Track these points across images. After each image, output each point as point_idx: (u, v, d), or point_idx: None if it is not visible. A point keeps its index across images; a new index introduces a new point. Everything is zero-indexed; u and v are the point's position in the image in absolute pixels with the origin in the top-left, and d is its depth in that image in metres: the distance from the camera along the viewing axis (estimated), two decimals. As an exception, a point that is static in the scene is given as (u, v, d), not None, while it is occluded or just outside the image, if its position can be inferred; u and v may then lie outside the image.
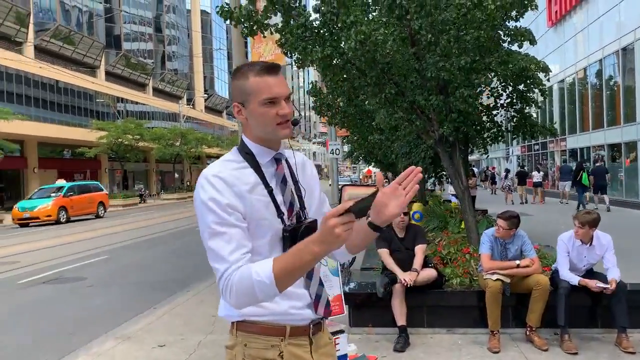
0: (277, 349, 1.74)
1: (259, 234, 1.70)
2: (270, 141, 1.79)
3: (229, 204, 1.65)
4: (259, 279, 1.55)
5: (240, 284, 1.57)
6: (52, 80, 37.84)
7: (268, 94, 1.70)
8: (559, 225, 14.28)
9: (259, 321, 1.74)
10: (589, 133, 25.47)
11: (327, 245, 1.52)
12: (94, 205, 26.35)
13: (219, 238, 1.63)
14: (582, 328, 5.22)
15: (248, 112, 1.75)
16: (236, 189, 1.68)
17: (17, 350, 5.85)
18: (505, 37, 7.89)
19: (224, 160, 1.78)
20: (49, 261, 12.05)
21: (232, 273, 1.59)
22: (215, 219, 1.64)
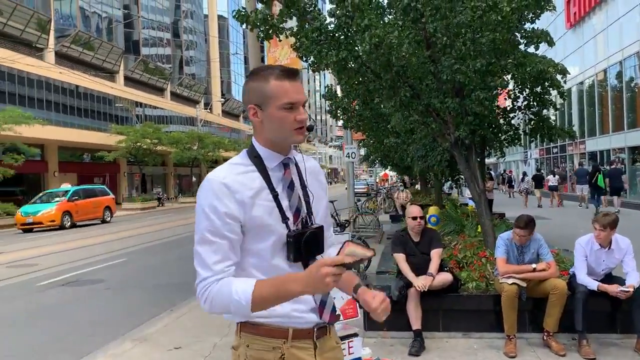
0: (278, 351, 1.74)
1: (261, 238, 1.71)
2: (280, 145, 1.79)
3: (226, 213, 1.66)
4: (237, 298, 1.60)
5: (218, 296, 1.64)
6: (72, 85, 38.41)
7: (288, 99, 1.71)
8: (577, 229, 14.09)
9: (262, 323, 1.74)
10: (609, 135, 25.12)
11: (312, 289, 1.58)
12: (99, 210, 25.64)
13: (207, 246, 1.67)
14: (601, 333, 5.14)
15: (265, 115, 1.74)
16: (238, 196, 1.67)
17: (36, 351, 5.94)
18: (521, 40, 7.83)
19: (231, 163, 1.78)
20: (67, 264, 12.22)
21: (212, 283, 1.65)
22: (209, 226, 1.67)
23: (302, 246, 1.71)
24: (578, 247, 5.05)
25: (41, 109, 34.72)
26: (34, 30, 35.97)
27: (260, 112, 1.75)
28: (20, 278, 10.63)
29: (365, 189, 40.70)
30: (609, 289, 4.78)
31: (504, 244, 5.26)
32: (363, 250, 1.57)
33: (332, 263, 1.51)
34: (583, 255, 4.99)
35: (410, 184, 30.02)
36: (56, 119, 36.18)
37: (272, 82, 1.72)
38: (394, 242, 5.54)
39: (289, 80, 1.73)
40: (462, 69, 6.46)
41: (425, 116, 7.34)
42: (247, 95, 1.78)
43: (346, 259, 1.53)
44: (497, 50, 6.76)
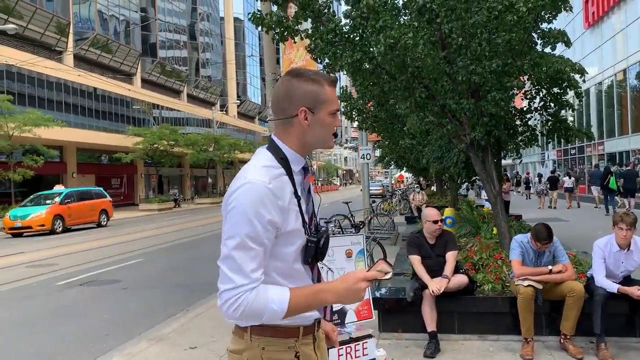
0: (293, 350, 1.76)
1: (290, 243, 1.71)
2: (310, 149, 1.84)
3: (270, 221, 1.63)
4: (274, 307, 1.62)
5: (253, 305, 1.61)
6: (91, 87, 38.91)
7: (335, 106, 1.78)
8: (595, 230, 13.91)
9: (277, 324, 1.72)
10: (628, 137, 24.76)
11: (347, 300, 1.73)
12: (95, 214, 24.28)
13: (245, 252, 1.62)
14: (619, 337, 5.08)
15: (315, 119, 1.75)
16: (280, 202, 1.66)
17: (53, 350, 6.02)
18: (538, 40, 7.75)
19: (265, 166, 1.72)
20: (85, 264, 12.38)
21: (247, 291, 1.61)
22: (251, 232, 1.62)
23: (320, 250, 1.75)
24: (596, 249, 4.98)
25: (60, 111, 35.24)
26: (53, 34, 36.53)
27: (310, 115, 1.74)
28: (39, 278, 10.79)
29: (381, 191, 40.62)
30: (630, 290, 4.71)
31: (519, 246, 5.21)
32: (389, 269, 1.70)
33: (369, 278, 1.65)
34: (601, 258, 4.93)
35: (426, 185, 29.89)
36: (75, 121, 36.70)
37: (327, 87, 1.76)
38: (409, 243, 5.52)
39: (334, 88, 1.80)
40: (478, 70, 6.42)
41: (440, 117, 7.31)
42: (296, 97, 1.75)
43: (378, 275, 1.67)
44: (513, 51, 6.72)
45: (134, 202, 43.48)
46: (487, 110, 6.80)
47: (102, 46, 41.93)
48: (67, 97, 36.77)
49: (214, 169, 54.66)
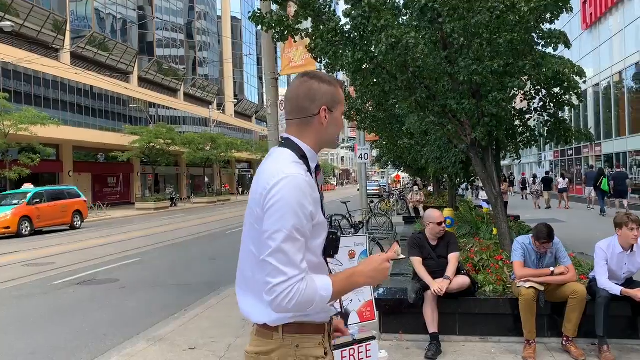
0: (322, 347, 1.82)
1: (319, 235, 1.78)
2: (323, 148, 1.93)
3: (311, 212, 1.70)
4: (324, 294, 1.68)
5: (306, 294, 1.64)
6: (87, 85, 38.79)
7: (344, 107, 2.00)
8: (593, 231, 13.93)
9: (308, 321, 1.78)
10: (625, 138, 24.81)
11: (373, 281, 1.82)
12: (68, 215, 22.51)
13: (293, 244, 1.65)
14: (621, 339, 5.06)
15: (332, 118, 1.87)
16: (315, 195, 1.74)
17: (51, 349, 5.97)
18: (539, 40, 7.73)
19: (294, 162, 1.77)
20: (82, 263, 12.31)
21: (299, 281, 1.63)
22: (298, 224, 1.65)
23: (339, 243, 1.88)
24: (599, 251, 4.96)
25: (56, 109, 35.11)
26: (50, 32, 36.37)
27: (329, 114, 1.85)
28: (36, 277, 10.72)
29: (378, 191, 40.62)
30: (633, 293, 4.69)
31: (521, 248, 5.18)
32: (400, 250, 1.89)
33: (390, 258, 1.80)
34: (604, 259, 4.91)
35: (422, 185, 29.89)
36: (71, 119, 36.56)
37: (339, 89, 1.90)
38: (410, 244, 5.49)
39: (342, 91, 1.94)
40: (479, 70, 6.40)
41: (441, 117, 7.28)
42: (317, 97, 1.84)
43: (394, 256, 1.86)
44: (514, 51, 6.69)
45: (130, 201, 43.36)
46: (488, 111, 6.77)
47: (99, 44, 41.77)
48: (64, 96, 36.62)
49: (211, 168, 54.54)
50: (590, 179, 21.73)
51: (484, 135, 6.92)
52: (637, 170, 23.99)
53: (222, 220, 24.48)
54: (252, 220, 1.76)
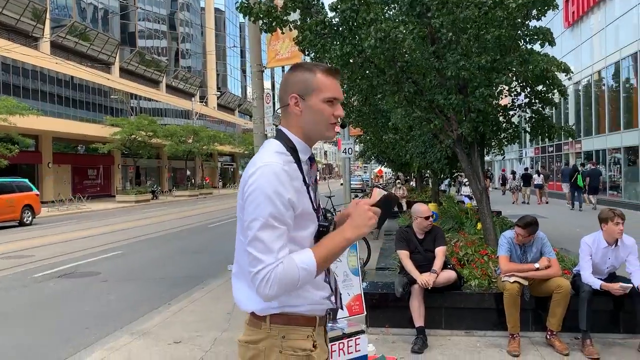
0: (311, 340, 1.80)
1: (304, 226, 1.77)
2: (311, 139, 1.86)
3: (290, 200, 1.68)
4: (304, 266, 1.65)
5: (285, 275, 1.63)
6: (68, 76, 38.12)
7: (331, 94, 1.80)
8: (573, 227, 14.14)
9: (297, 312, 1.78)
10: (605, 135, 25.18)
11: (358, 230, 1.70)
12: (16, 210, 20.13)
13: (271, 231, 1.65)
14: (604, 333, 5.14)
15: (306, 106, 1.80)
16: (296, 184, 1.73)
17: (33, 343, 5.87)
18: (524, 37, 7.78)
19: (277, 152, 1.77)
20: (62, 255, 12.13)
21: (274, 267, 1.63)
22: (274, 212, 1.65)
23: None
24: (584, 245, 5.03)
25: (36, 99, 34.46)
26: (30, 20, 35.67)
27: (301, 102, 1.80)
28: (16, 269, 10.53)
29: (360, 185, 40.71)
30: (611, 287, 4.76)
31: (507, 242, 5.23)
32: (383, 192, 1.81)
33: (370, 203, 1.72)
34: (588, 254, 4.98)
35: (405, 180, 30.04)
36: (51, 109, 35.92)
37: (319, 75, 1.80)
38: (398, 238, 5.50)
39: (332, 77, 1.82)
40: (467, 66, 6.42)
41: (428, 112, 7.29)
42: (288, 86, 1.83)
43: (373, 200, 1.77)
44: (502, 47, 6.73)
45: (110, 194, 42.85)
46: (475, 106, 6.81)
47: (79, 34, 41.09)
48: (44, 86, 35.96)
49: (193, 161, 54.13)
50: (565, 175, 22.68)
51: (470, 130, 6.96)
52: (616, 168, 24.38)
53: (205, 214, 24.32)
54: (239, 210, 1.78)
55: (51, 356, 5.40)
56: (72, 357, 5.29)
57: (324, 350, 1.88)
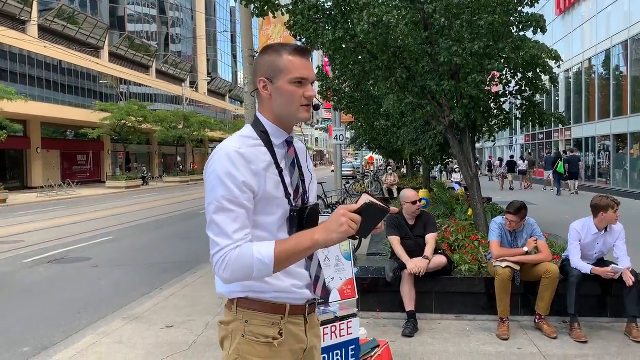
0: (277, 327, 1.76)
1: (269, 212, 1.73)
2: (285, 122, 1.81)
3: (244, 182, 1.65)
4: (260, 257, 1.60)
5: (238, 260, 1.60)
6: (56, 60, 37.64)
7: (299, 74, 1.73)
8: (562, 214, 14.27)
9: (262, 298, 1.75)
10: (594, 123, 25.34)
11: (327, 234, 1.59)
12: None
13: (225, 214, 1.64)
14: (592, 317, 5.22)
15: (274, 89, 1.75)
16: (254, 167, 1.69)
17: (24, 328, 5.86)
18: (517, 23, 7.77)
19: (241, 136, 1.77)
20: (53, 241, 12.08)
21: (231, 250, 1.61)
22: (227, 194, 1.64)
23: (304, 221, 1.75)
24: (573, 231, 5.08)
25: (24, 84, 34.03)
26: (17, 2, 35.09)
27: (270, 85, 1.76)
28: (5, 255, 10.48)
29: (352, 172, 40.75)
30: (601, 271, 4.84)
31: (498, 228, 5.28)
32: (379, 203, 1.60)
33: (350, 209, 1.57)
34: (577, 240, 5.04)
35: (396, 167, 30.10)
36: (39, 94, 35.49)
37: (285, 57, 1.75)
38: (388, 224, 5.52)
39: (300, 57, 1.76)
40: (460, 52, 6.41)
41: (420, 98, 7.30)
42: (257, 69, 1.80)
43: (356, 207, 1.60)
44: (494, 34, 6.73)
45: (100, 180, 42.60)
46: (467, 93, 6.81)
47: (68, 17, 40.51)
48: (32, 70, 35.48)
49: (184, 147, 53.86)
50: (549, 162, 23.70)
51: (462, 117, 6.98)
52: (605, 155, 24.58)
53: (195, 200, 24.25)
54: None
55: (43, 341, 5.40)
56: (63, 342, 5.29)
57: (300, 340, 1.82)
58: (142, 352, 4.72)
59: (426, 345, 4.74)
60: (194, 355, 4.61)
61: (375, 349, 4.03)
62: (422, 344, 4.76)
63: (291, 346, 1.78)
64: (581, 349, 4.56)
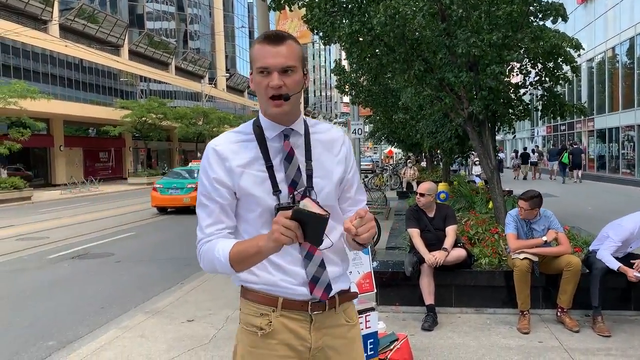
0: (266, 318, 1.75)
1: (249, 208, 1.73)
2: (272, 117, 1.73)
3: (215, 178, 1.70)
4: (218, 256, 1.65)
5: (205, 255, 1.70)
6: (77, 59, 38.16)
7: (260, 63, 1.66)
8: (584, 206, 14.06)
9: (253, 289, 1.77)
10: (618, 113, 24.86)
11: (266, 242, 1.53)
12: None
13: (201, 209, 1.74)
14: (615, 310, 5.13)
15: (253, 82, 1.72)
16: (227, 164, 1.70)
17: (49, 322, 5.98)
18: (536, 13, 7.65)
19: (233, 131, 1.80)
20: (77, 237, 12.29)
21: (204, 244, 1.72)
22: (202, 190, 1.74)
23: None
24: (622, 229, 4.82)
25: (46, 83, 34.58)
26: (38, 3, 35.64)
27: (251, 78, 1.73)
28: (30, 251, 10.69)
29: (370, 166, 40.64)
30: (628, 271, 4.70)
31: (514, 220, 5.22)
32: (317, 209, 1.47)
33: (285, 215, 1.47)
34: (621, 239, 4.86)
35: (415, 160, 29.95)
36: (61, 93, 36.06)
37: (255, 46, 1.70)
38: (408, 217, 5.51)
39: (268, 44, 1.66)
40: (478, 42, 6.34)
41: (438, 90, 7.24)
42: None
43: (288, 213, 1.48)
44: (513, 24, 6.63)
45: (122, 176, 43.16)
46: (486, 84, 6.74)
47: (88, 16, 41.02)
48: (53, 69, 36.04)
49: (203, 143, 54.20)
50: (553, 154, 26.37)
51: (481, 108, 6.90)
52: (629, 146, 24.11)
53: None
54: None
55: (67, 335, 5.50)
56: (87, 336, 5.40)
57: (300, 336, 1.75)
58: (164, 346, 4.78)
59: (446, 338, 4.72)
60: (215, 349, 4.66)
61: (394, 343, 4.03)
62: (442, 338, 4.74)
63: (285, 340, 1.74)
64: (604, 343, 4.50)
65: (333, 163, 1.81)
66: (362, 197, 1.93)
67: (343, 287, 1.84)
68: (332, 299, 1.79)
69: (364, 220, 1.57)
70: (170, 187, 16.90)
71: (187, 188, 16.49)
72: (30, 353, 5.03)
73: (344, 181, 1.84)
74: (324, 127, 1.86)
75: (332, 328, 1.81)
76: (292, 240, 1.47)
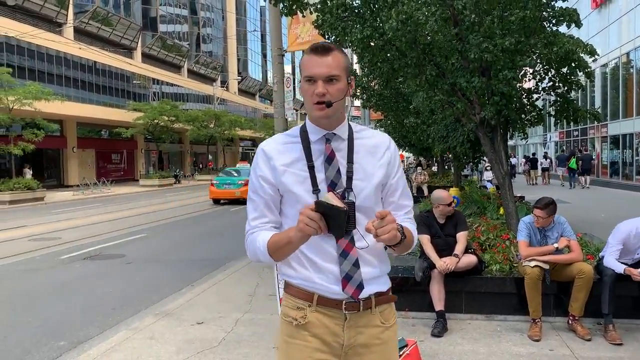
0: (301, 312, 1.85)
1: (290, 204, 1.85)
2: (316, 122, 1.87)
3: (261, 176, 1.85)
4: (259, 246, 1.81)
5: (250, 245, 1.86)
6: (90, 61, 38.52)
7: (307, 72, 1.80)
8: (597, 212, 13.93)
9: (292, 283, 1.89)
10: (632, 119, 24.64)
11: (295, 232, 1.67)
12: None
13: (250, 203, 1.91)
14: (628, 318, 5.08)
15: (301, 89, 1.86)
16: (272, 163, 1.84)
17: (60, 323, 6.03)
18: (549, 18, 7.62)
19: (283, 133, 1.95)
20: (88, 238, 12.39)
21: (249, 235, 1.88)
22: (251, 186, 1.91)
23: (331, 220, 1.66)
24: (619, 232, 4.84)
25: (60, 84, 34.93)
26: (53, 6, 36.06)
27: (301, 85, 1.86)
28: (43, 251, 10.80)
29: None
30: (633, 272, 4.68)
31: (526, 228, 5.17)
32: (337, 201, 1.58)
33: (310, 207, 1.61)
34: (621, 241, 4.84)
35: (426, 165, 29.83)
36: (75, 94, 36.40)
37: (304, 57, 1.85)
38: (418, 222, 5.47)
39: (315, 55, 1.80)
40: (490, 48, 6.31)
41: (450, 95, 7.21)
42: None
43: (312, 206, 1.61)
44: (526, 29, 6.60)
45: (134, 178, 43.46)
46: (498, 89, 6.71)
47: (102, 19, 41.43)
48: (67, 71, 36.41)
49: (215, 146, 54.48)
50: (562, 160, 26.89)
51: (493, 114, 6.87)
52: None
53: (226, 198, 24.50)
54: None
55: (78, 335, 5.54)
56: (98, 337, 5.43)
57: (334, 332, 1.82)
58: (173, 348, 4.80)
59: (455, 345, 4.69)
60: (224, 352, 4.67)
61: (403, 349, 4.00)
62: (452, 344, 4.71)
63: (319, 335, 1.83)
64: (616, 351, 4.45)
65: (375, 167, 1.87)
66: (406, 202, 1.98)
67: (380, 289, 1.88)
68: (367, 300, 1.84)
69: (384, 222, 1.62)
70: (225, 182, 21.21)
71: (238, 184, 20.64)
72: (41, 353, 5.08)
73: (387, 185, 1.91)
74: (369, 132, 1.96)
75: (366, 327, 1.86)
76: (316, 231, 1.60)
